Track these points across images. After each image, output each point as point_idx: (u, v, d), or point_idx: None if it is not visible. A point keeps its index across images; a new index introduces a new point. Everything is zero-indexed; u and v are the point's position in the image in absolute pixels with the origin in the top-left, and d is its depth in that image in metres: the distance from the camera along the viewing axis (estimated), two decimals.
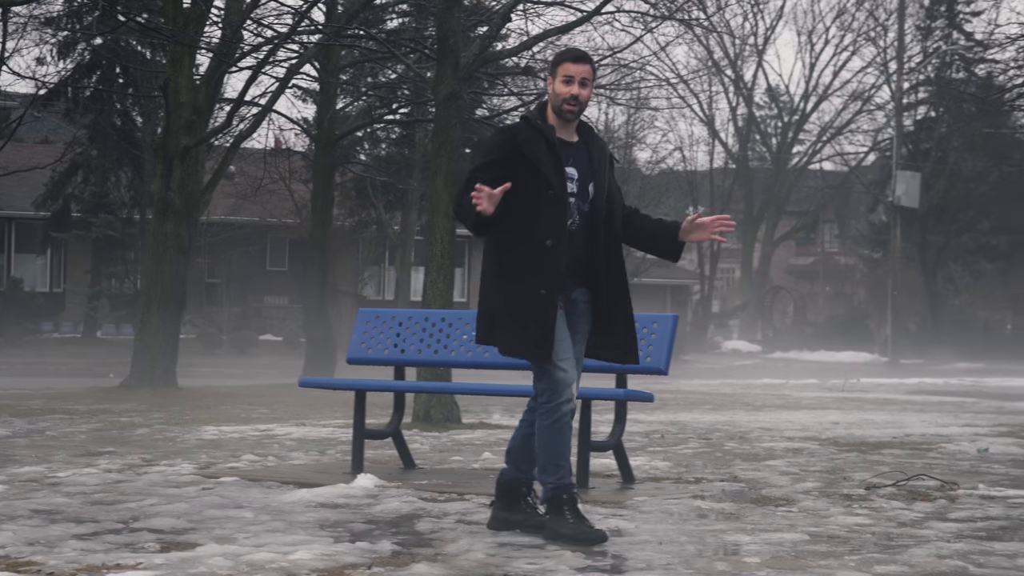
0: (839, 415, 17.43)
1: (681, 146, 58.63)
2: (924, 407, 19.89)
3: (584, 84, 6.90)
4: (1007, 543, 6.80)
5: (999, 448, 12.37)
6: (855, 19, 56.48)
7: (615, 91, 28.76)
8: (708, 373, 34.12)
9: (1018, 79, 20.85)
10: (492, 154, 6.89)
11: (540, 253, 6.74)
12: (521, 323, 6.74)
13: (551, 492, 6.82)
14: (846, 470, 10.19)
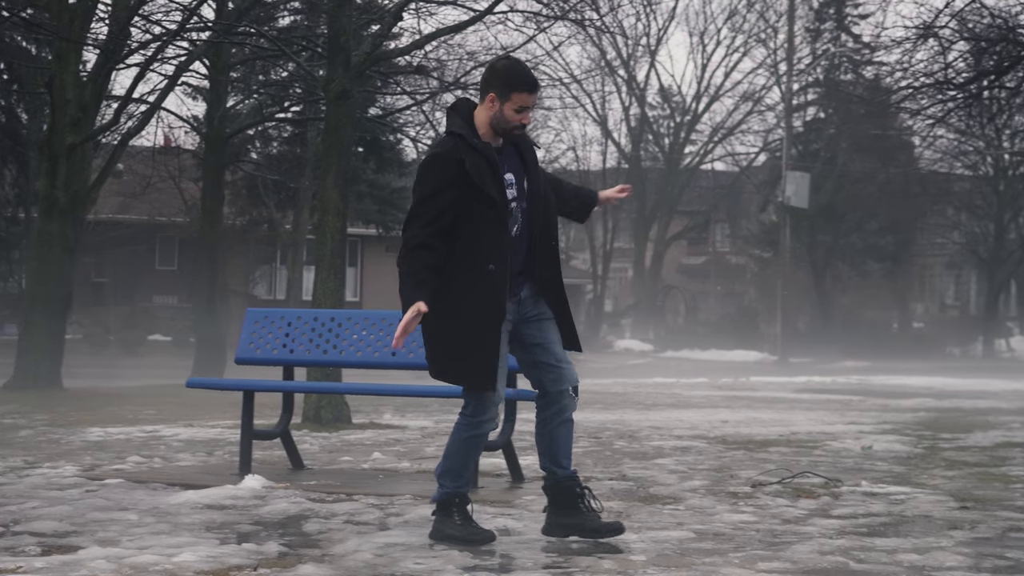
0: (728, 413, 17.59)
1: (574, 146, 59.09)
2: (811, 405, 20.13)
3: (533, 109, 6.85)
4: (887, 539, 6.90)
5: (883, 445, 12.55)
6: (746, 21, 57.11)
7: None
8: (600, 372, 34.23)
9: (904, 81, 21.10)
10: (435, 182, 6.61)
11: (482, 278, 6.58)
12: (461, 352, 6.62)
13: (444, 496, 6.80)
14: (733, 468, 10.28)
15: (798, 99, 53.82)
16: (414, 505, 7.95)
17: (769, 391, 25.12)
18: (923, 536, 7.01)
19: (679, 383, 27.95)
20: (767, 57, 56.93)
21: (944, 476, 9.98)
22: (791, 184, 46.99)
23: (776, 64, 55.61)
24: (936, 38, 19.26)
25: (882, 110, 26.04)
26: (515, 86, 6.69)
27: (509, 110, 6.69)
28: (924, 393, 24.80)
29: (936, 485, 9.35)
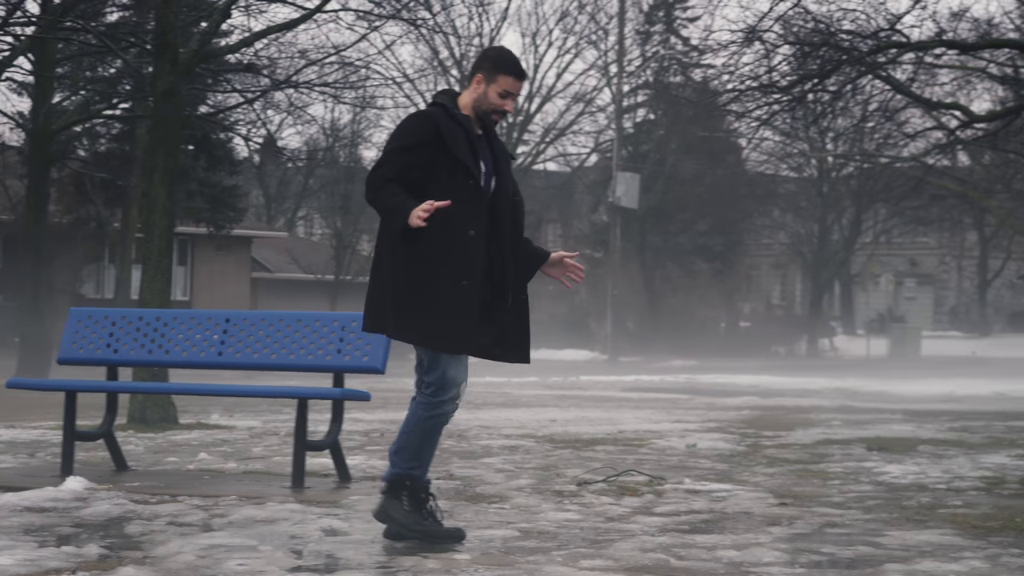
0: (557, 412, 17.73)
1: None
2: (639, 404, 20.37)
3: (515, 99, 6.83)
4: (708, 535, 7.03)
5: (706, 443, 12.76)
6: (577, 22, 57.48)
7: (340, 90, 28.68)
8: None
9: (730, 84, 21.44)
10: (409, 138, 6.60)
11: (463, 243, 6.52)
12: (438, 311, 6.49)
13: (395, 476, 6.68)
14: (560, 467, 10.38)
15: (628, 100, 54.40)
16: (239, 506, 7.90)
17: (598, 390, 25.38)
18: (743, 532, 7.15)
19: (510, 382, 28.08)
20: (598, 59, 57.42)
21: (765, 473, 10.18)
22: (621, 185, 47.50)
23: (607, 66, 56.13)
24: (761, 42, 19.60)
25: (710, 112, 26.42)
26: (503, 69, 6.73)
27: (493, 92, 6.71)
28: (749, 391, 25.25)
29: (757, 482, 9.54)
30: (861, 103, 33.88)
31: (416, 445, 6.67)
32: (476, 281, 6.56)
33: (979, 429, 15.23)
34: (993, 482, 9.74)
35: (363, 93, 37.89)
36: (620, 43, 50.92)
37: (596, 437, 13.44)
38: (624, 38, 51.38)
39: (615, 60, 52.38)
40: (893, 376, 34.08)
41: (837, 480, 9.76)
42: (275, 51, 24.34)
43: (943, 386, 28.07)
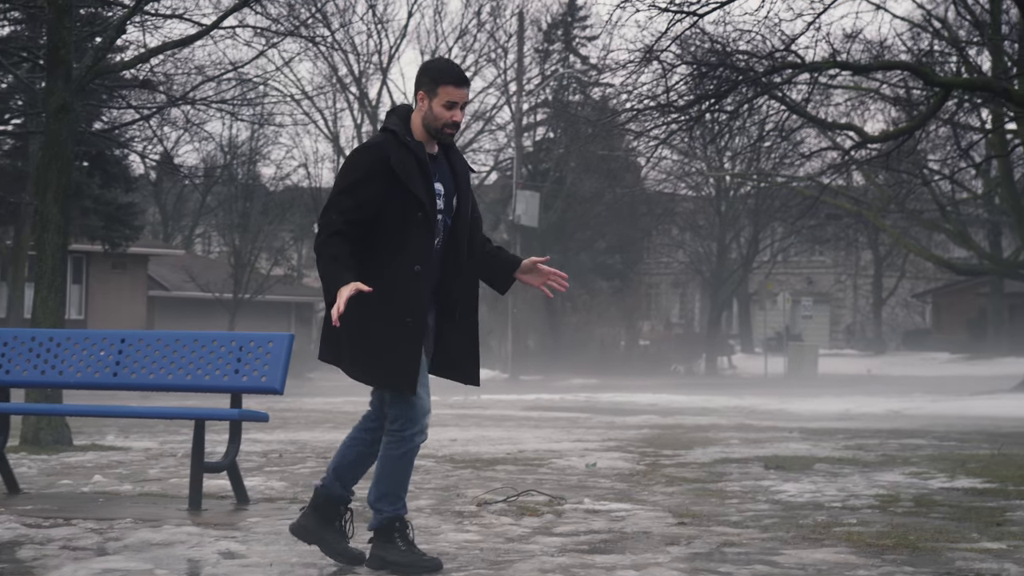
0: (458, 432, 17.69)
1: (306, 162, 58.59)
2: (540, 423, 20.38)
3: (462, 107, 6.62)
4: (607, 555, 7.03)
5: (606, 463, 12.78)
6: (476, 40, 57.59)
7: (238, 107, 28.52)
8: (332, 391, 34.10)
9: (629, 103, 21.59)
10: (357, 173, 6.43)
11: (407, 279, 6.38)
12: (384, 352, 6.39)
13: (384, 521, 6.59)
14: (460, 487, 10.35)
15: (528, 119, 54.60)
16: (135, 529, 7.79)
17: (499, 409, 25.36)
18: (642, 552, 7.16)
19: None
20: (497, 77, 57.56)
21: (664, 492, 10.21)
22: (521, 203, 47.63)
23: (507, 84, 56.30)
24: (659, 61, 19.76)
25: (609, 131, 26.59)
26: (442, 79, 6.55)
27: (438, 106, 6.53)
28: (649, 410, 25.35)
29: (656, 501, 9.56)
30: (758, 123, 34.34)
31: (396, 486, 6.61)
32: (420, 316, 6.46)
33: (874, 447, 15.39)
34: (887, 500, 9.84)
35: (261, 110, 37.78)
36: (519, 61, 51.10)
37: (496, 457, 13.42)
38: (523, 56, 51.59)
39: (514, 78, 52.55)
40: (790, 394, 34.40)
41: (735, 499, 9.81)
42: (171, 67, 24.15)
43: (839, 404, 28.38)
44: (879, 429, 19.53)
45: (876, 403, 28.53)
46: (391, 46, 57.79)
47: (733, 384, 44.32)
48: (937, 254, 48.60)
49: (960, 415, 24.92)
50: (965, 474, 11.94)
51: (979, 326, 67.65)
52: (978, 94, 22.76)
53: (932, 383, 42.85)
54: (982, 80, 22.17)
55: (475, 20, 56.97)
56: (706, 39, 20.68)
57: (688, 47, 21.28)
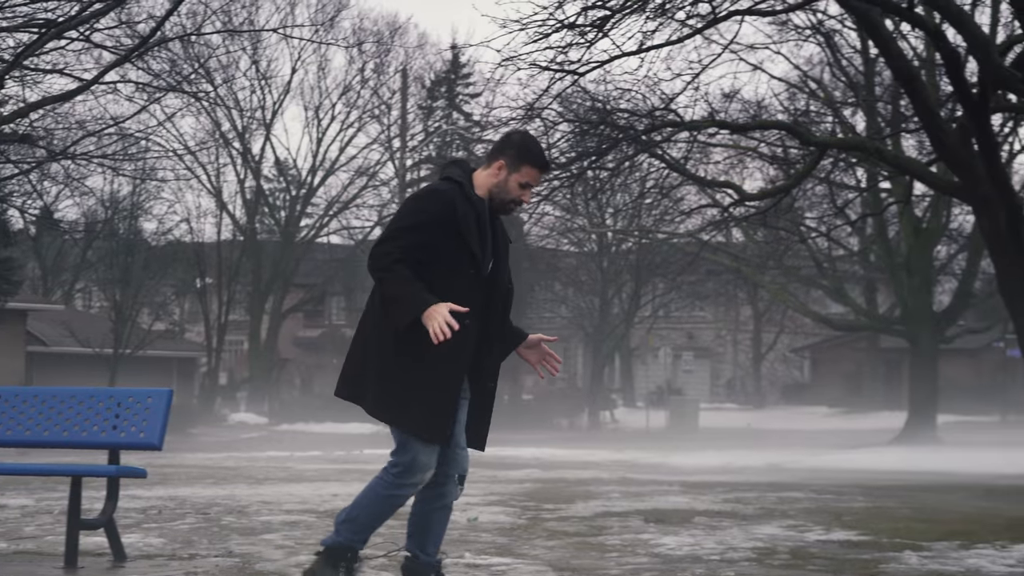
0: (340, 487, 17.62)
1: (188, 217, 58.13)
2: None
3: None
4: None
5: (488, 517, 12.81)
6: (360, 96, 57.67)
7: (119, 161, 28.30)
8: (214, 446, 33.80)
9: None
10: (423, 216, 6.33)
11: (455, 332, 6.18)
12: (422, 400, 6.32)
13: (337, 544, 6.56)
14: None
15: (412, 175, 54.68)
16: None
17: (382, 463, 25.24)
18: None
19: (293, 456, 27.86)
20: (381, 133, 57.67)
21: (545, 546, 10.27)
22: None
23: (390, 140, 56.42)
24: (540, 119, 19.96)
25: None
26: (528, 160, 6.50)
27: (515, 182, 6.47)
28: (532, 464, 25.42)
29: (537, 555, 9.61)
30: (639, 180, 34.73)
31: (367, 520, 6.58)
32: (462, 368, 6.40)
33: (752, 500, 15.58)
34: (764, 552, 9.98)
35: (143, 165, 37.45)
36: (403, 118, 51.27)
37: None
38: (407, 113, 51.75)
39: (398, 135, 52.70)
40: (671, 448, 34.66)
41: (615, 552, 9.89)
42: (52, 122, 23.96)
43: (719, 458, 28.65)
44: (758, 482, 19.76)
45: (756, 456, 28.85)
46: (274, 102, 57.57)
47: (615, 438, 44.55)
48: (815, 310, 49.36)
49: (837, 468, 25.28)
50: (841, 527, 12.13)
51: (856, 381, 68.69)
52: (853, 153, 23.22)
53: (810, 437, 43.40)
54: (856, 140, 22.64)
55: (359, 76, 57.11)
56: (587, 97, 20.95)
57: (570, 105, 21.54)
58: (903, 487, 19.31)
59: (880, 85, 34.32)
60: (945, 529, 11.94)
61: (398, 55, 57.18)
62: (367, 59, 56.97)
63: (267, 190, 60.92)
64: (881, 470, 24.65)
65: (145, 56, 18.83)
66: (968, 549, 10.37)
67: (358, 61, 57.00)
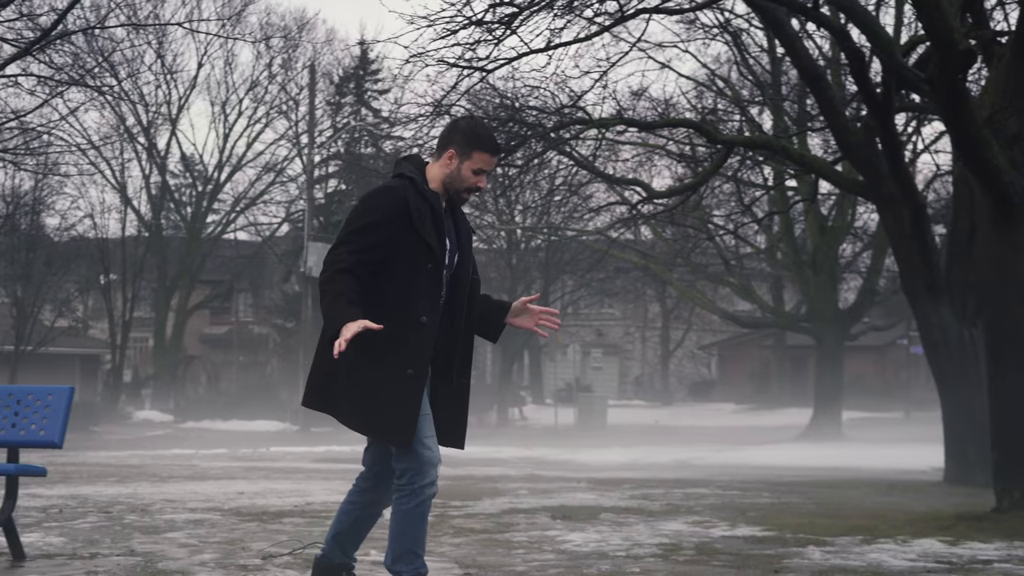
0: (245, 485, 17.49)
1: (92, 213, 57.43)
2: (329, 475, 20.26)
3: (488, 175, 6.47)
4: None
5: None
6: (268, 92, 57.31)
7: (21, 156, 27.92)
8: (117, 444, 33.44)
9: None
10: (375, 215, 6.23)
11: (412, 329, 6.18)
12: (384, 403, 6.19)
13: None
14: (245, 540, 10.23)
15: (320, 171, 54.45)
16: None
17: (289, 461, 25.15)
18: None
19: (198, 454, 27.63)
20: (289, 129, 57.37)
21: (451, 543, 10.24)
22: (313, 254, 47.42)
23: (298, 136, 56.11)
24: (449, 116, 19.91)
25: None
26: (479, 145, 6.41)
27: (467, 169, 6.40)
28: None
29: (443, 552, 9.59)
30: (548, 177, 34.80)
31: (412, 543, 6.36)
32: (422, 370, 6.29)
33: (659, 497, 15.64)
34: (670, 548, 10.01)
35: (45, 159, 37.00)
36: (311, 114, 50.98)
37: (284, 509, 13.31)
38: (315, 109, 51.48)
39: (306, 131, 52.39)
40: (580, 445, 34.77)
41: (521, 549, 9.88)
42: None
43: (627, 454, 28.77)
44: (665, 479, 19.85)
45: (663, 453, 29.01)
46: (180, 97, 57.08)
47: (524, 435, 44.60)
48: (722, 307, 49.66)
49: (743, 465, 25.48)
50: (746, 522, 12.21)
51: (762, 378, 69.27)
52: (759, 152, 23.39)
53: (717, 433, 43.72)
54: (763, 138, 22.80)
55: (266, 72, 56.78)
56: (496, 94, 20.95)
57: (479, 102, 21.52)
58: (808, 483, 19.48)
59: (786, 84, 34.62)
60: (848, 524, 12.06)
61: (306, 51, 56.95)
62: (275, 54, 56.70)
63: (173, 186, 60.39)
64: (786, 466, 24.87)
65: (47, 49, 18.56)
66: (870, 544, 10.48)
67: (265, 56, 56.72)
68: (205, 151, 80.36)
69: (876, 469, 23.78)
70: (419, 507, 6.34)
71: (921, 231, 18.37)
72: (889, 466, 24.54)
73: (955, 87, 12.19)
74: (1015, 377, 13.25)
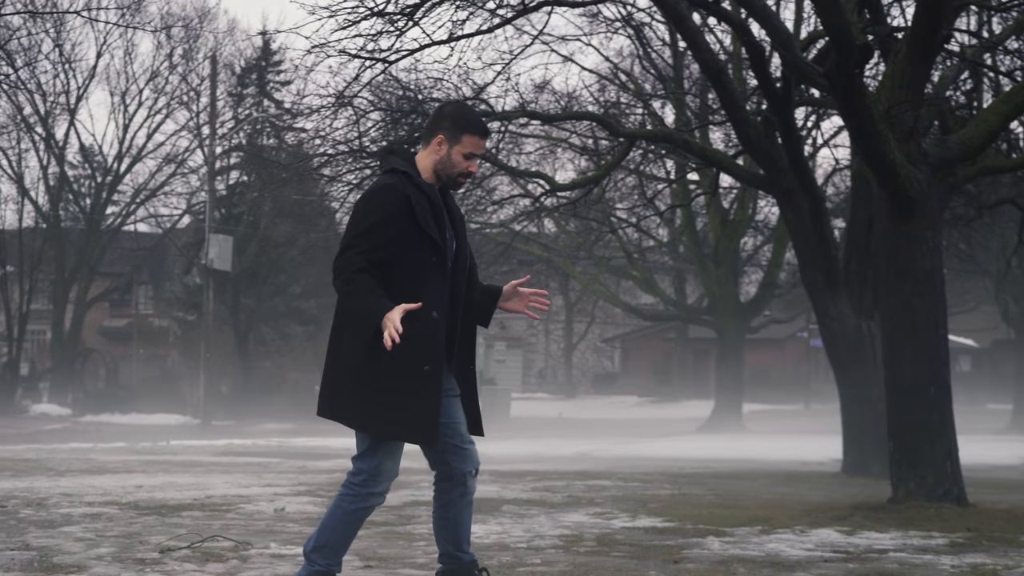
0: (144, 478, 17.31)
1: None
2: (230, 468, 20.12)
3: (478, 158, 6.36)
4: None
5: (296, 507, 12.71)
6: (168, 82, 56.71)
7: None
8: (13, 438, 32.99)
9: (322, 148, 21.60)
10: (378, 215, 6.15)
11: (424, 326, 6.11)
12: (404, 403, 6.13)
13: (317, 574, 6.31)
14: (143, 534, 10.14)
15: (221, 162, 53.98)
16: None
17: (189, 455, 24.94)
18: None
19: (97, 448, 27.30)
20: (190, 120, 56.80)
21: None
22: (214, 247, 47.07)
23: (199, 127, 55.60)
24: (352, 107, 19.84)
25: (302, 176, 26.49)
26: (467, 129, 6.34)
27: (458, 154, 6.33)
28: (342, 454, 25.25)
29: None
30: None
31: (339, 541, 6.36)
32: (438, 365, 6.23)
33: (561, 489, 15.69)
34: (571, 540, 10.05)
35: None
36: (212, 105, 50.55)
37: (183, 503, 13.19)
38: (216, 100, 51.04)
39: (207, 122, 51.96)
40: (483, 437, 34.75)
41: (422, 541, 9.87)
42: None
43: (530, 447, 28.83)
44: (567, 471, 19.91)
45: (566, 445, 29.10)
46: (79, 86, 56.33)
47: None
48: (625, 300, 49.93)
49: (645, 457, 25.62)
50: (647, 514, 12.29)
51: (665, 370, 69.71)
52: (661, 145, 23.51)
53: (620, 426, 43.95)
54: (664, 132, 22.92)
55: (167, 62, 56.17)
56: (399, 86, 20.88)
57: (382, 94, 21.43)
58: (708, 475, 19.63)
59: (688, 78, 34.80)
60: (747, 515, 12.17)
61: (207, 41, 56.38)
62: (175, 44, 56.10)
63: (71, 177, 59.61)
64: (688, 458, 25.04)
65: None
66: (769, 534, 10.58)
67: (166, 46, 56.09)
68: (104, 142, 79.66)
69: (776, 461, 24.02)
70: (359, 511, 6.39)
71: (820, 225, 18.55)
72: (788, 458, 24.79)
73: (852, 82, 12.31)
74: (910, 369, 13.43)
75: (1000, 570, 8.65)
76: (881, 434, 15.55)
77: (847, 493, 15.46)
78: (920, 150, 13.49)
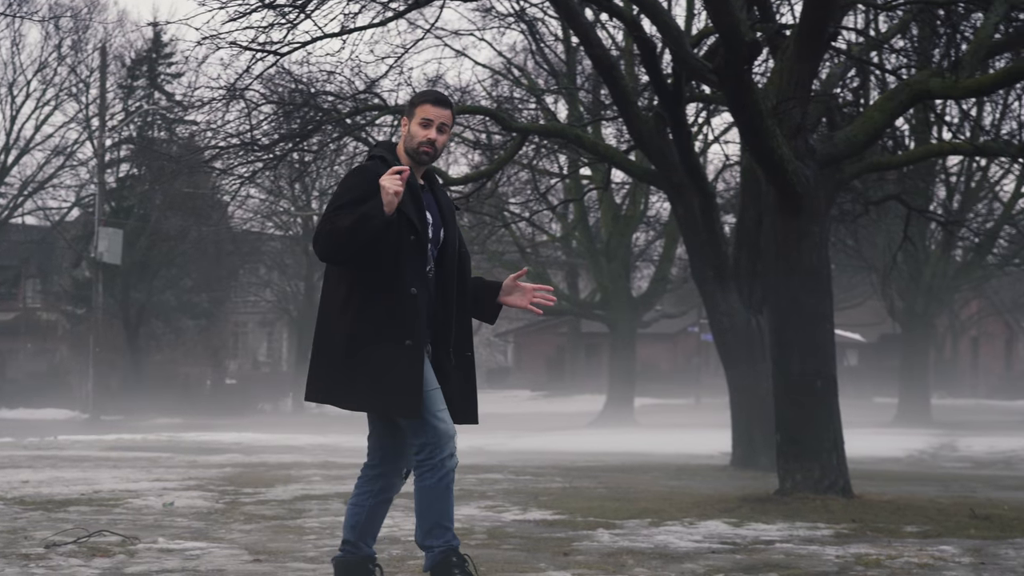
0: (30, 474, 17.09)
1: None
2: (118, 463, 19.91)
3: (442, 129, 6.45)
4: None
5: (184, 502, 12.62)
6: (57, 74, 55.90)
7: None
8: None
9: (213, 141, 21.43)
10: (352, 193, 6.27)
11: (404, 301, 6.21)
12: (388, 378, 6.17)
13: (439, 556, 6.32)
14: (29, 529, 10.02)
15: (111, 155, 53.40)
16: None
17: (77, 450, 24.63)
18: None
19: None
20: (79, 112, 56.02)
21: (242, 530, 10.17)
22: (104, 240, 46.56)
23: (89, 119, 54.89)
24: (243, 100, 19.71)
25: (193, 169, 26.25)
26: (419, 100, 6.53)
27: (415, 126, 6.46)
28: (233, 449, 25.13)
29: (233, 539, 9.51)
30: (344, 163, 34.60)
31: (440, 516, 6.41)
32: (419, 339, 6.30)
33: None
34: (462, 533, 10.05)
35: None
36: (102, 96, 49.98)
37: (70, 498, 13.05)
38: (106, 91, 50.47)
39: (97, 114, 51.35)
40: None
41: (313, 535, 9.85)
42: None
43: None
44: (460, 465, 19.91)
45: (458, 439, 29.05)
46: None
47: (319, 422, 44.37)
48: None
49: (537, 450, 25.73)
50: (537, 507, 12.35)
51: (558, 364, 70.00)
52: (554, 140, 23.60)
53: (513, 420, 44.03)
54: (556, 127, 23.01)
55: (56, 53, 55.38)
56: (291, 79, 20.77)
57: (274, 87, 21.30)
58: (600, 468, 19.75)
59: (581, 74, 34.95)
60: (637, 508, 12.27)
61: (97, 32, 55.64)
62: (64, 35, 55.32)
63: None
64: (580, 452, 25.17)
65: None
66: (658, 526, 10.69)
67: (55, 37, 55.28)
68: None
69: (666, 454, 24.22)
70: (441, 480, 6.45)
71: (710, 220, 18.73)
72: (679, 451, 25.01)
73: (741, 78, 12.45)
74: (798, 363, 13.61)
75: (883, 559, 8.80)
76: (769, 427, 15.74)
77: (735, 486, 15.63)
78: (807, 146, 13.67)
